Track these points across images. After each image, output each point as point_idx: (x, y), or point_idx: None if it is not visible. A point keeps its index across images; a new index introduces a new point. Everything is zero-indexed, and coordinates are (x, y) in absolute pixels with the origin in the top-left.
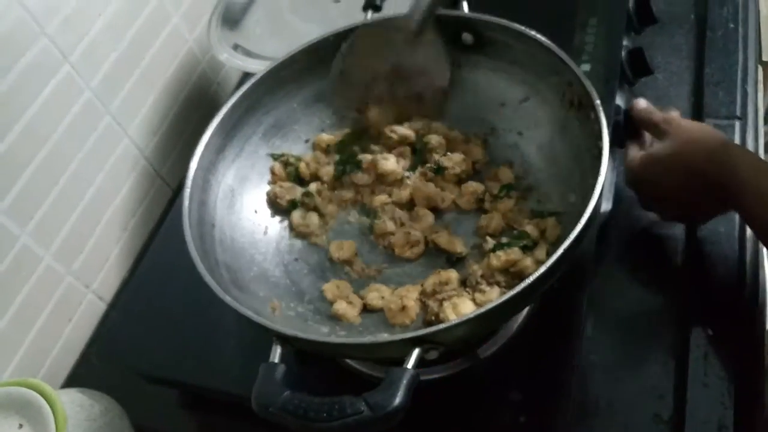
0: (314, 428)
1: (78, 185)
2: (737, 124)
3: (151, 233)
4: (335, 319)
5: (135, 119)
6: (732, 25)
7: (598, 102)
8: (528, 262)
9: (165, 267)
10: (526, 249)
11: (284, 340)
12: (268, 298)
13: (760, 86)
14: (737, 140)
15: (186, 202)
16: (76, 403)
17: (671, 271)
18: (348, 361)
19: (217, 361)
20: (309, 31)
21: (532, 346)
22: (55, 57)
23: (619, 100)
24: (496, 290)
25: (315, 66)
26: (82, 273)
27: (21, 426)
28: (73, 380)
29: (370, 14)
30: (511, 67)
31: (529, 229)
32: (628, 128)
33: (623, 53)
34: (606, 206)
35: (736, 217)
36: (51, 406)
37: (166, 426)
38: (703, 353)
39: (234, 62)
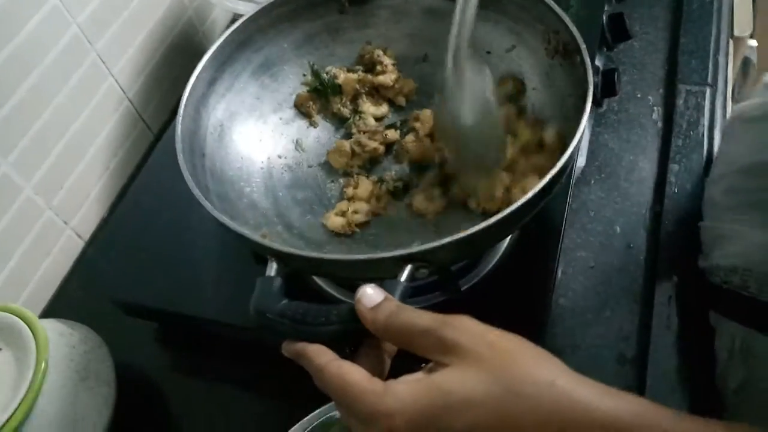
0: (313, 332)
1: (61, 120)
2: (708, 90)
3: (131, 175)
4: (323, 244)
5: (120, 60)
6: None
7: (584, 46)
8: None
9: (148, 204)
10: None
11: (279, 257)
12: (257, 226)
13: (731, 58)
14: (707, 105)
15: (179, 127)
16: (55, 330)
17: (639, 223)
18: (328, 289)
19: (197, 291)
20: None
21: (509, 283)
22: None
23: (598, 62)
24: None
25: (308, 8)
26: (61, 209)
27: (0, 349)
28: (48, 314)
29: None
30: (498, 17)
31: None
32: (604, 90)
33: (604, 17)
34: (580, 161)
35: (701, 168)
36: (32, 330)
37: (141, 360)
38: (667, 298)
39: (224, 3)
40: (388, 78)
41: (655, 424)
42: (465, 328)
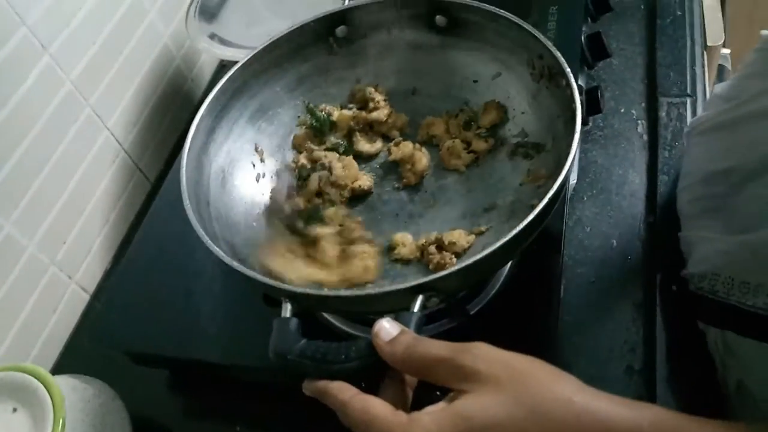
0: (333, 370)
1: (60, 177)
2: (688, 101)
3: (131, 225)
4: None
5: (114, 112)
6: (679, 13)
7: (568, 69)
8: None
9: (150, 255)
10: None
11: (293, 298)
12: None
13: (707, 68)
14: (688, 115)
15: (184, 179)
16: (69, 386)
17: (634, 235)
18: (340, 325)
19: (205, 336)
20: (284, 24)
21: (515, 304)
22: (35, 48)
23: (581, 82)
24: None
25: (297, 51)
26: (65, 264)
27: (15, 410)
28: (58, 371)
29: (347, 1)
30: (482, 46)
31: None
32: (589, 108)
33: (582, 38)
34: (572, 179)
35: None
36: (47, 388)
37: (155, 409)
38: (668, 307)
39: (212, 50)
40: (381, 114)
41: (677, 430)
42: (481, 354)
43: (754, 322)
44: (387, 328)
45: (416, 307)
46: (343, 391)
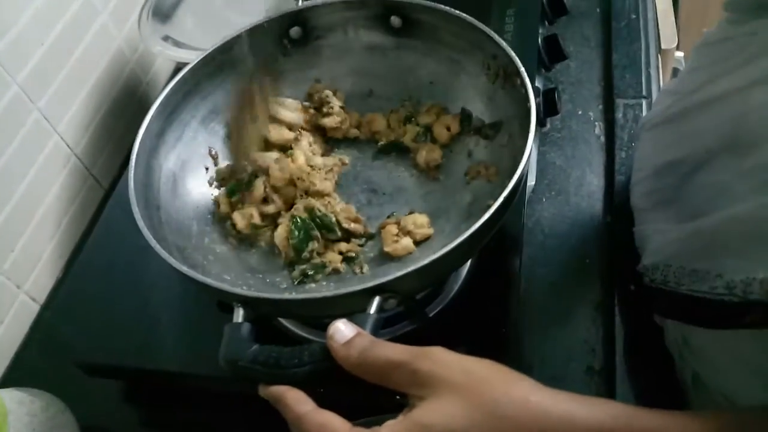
0: (286, 375)
1: (6, 183)
2: (644, 102)
3: (84, 231)
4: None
5: (65, 116)
6: (634, 16)
7: (522, 68)
8: None
9: (102, 263)
10: None
11: (246, 303)
12: (219, 273)
13: (661, 71)
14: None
15: (131, 182)
16: (14, 399)
17: (594, 235)
18: (295, 329)
19: (160, 345)
20: (240, 23)
21: (474, 306)
22: None
23: (538, 83)
24: None
25: (251, 52)
26: (13, 273)
27: None
28: (7, 383)
29: (300, 1)
30: (437, 47)
31: None
32: (546, 109)
33: (539, 40)
34: (531, 181)
35: None
36: None
37: (108, 422)
38: (626, 307)
39: (166, 53)
40: (333, 120)
41: (635, 423)
42: (438, 359)
43: (703, 309)
44: (342, 330)
45: (373, 309)
46: (299, 404)
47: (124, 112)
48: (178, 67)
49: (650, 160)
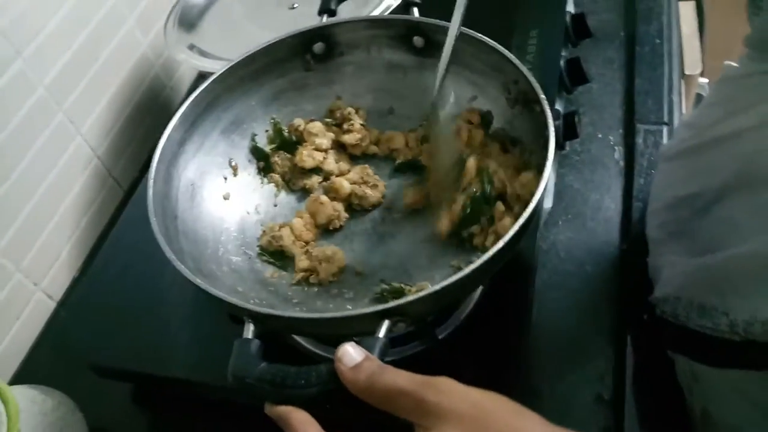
0: (293, 395)
1: (29, 182)
2: (665, 129)
3: (102, 233)
4: (298, 304)
5: (88, 119)
6: (658, 41)
7: (542, 96)
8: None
9: (119, 265)
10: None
11: (256, 318)
12: (232, 286)
13: (684, 97)
14: (665, 142)
15: (150, 191)
16: (27, 397)
17: (609, 262)
18: (305, 344)
19: (171, 352)
20: (264, 36)
21: (485, 329)
22: (7, 51)
23: (559, 106)
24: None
25: (273, 66)
26: (31, 271)
27: None
28: (19, 380)
29: (325, 18)
30: (459, 69)
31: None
32: (566, 132)
33: (562, 62)
34: (547, 203)
35: None
36: (2, 399)
37: (117, 423)
38: (638, 337)
39: (190, 61)
40: (353, 137)
41: None
42: (446, 389)
43: (710, 346)
44: (351, 353)
45: (382, 332)
46: (304, 425)
47: (146, 116)
48: (202, 74)
49: (666, 191)
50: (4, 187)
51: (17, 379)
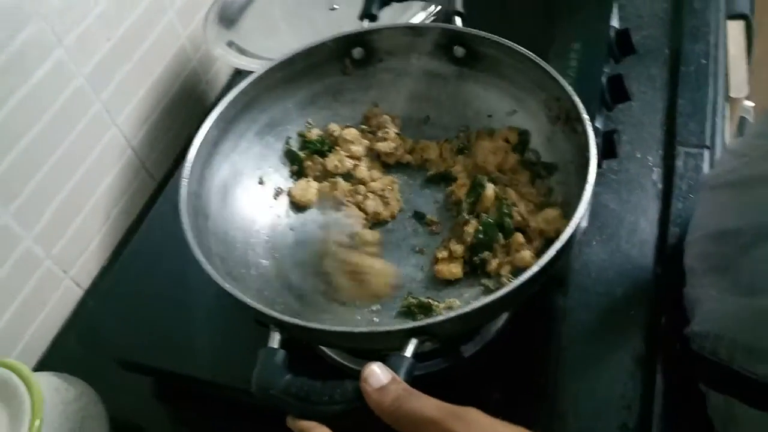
0: (316, 411)
1: (64, 170)
2: (706, 153)
3: (132, 224)
4: (324, 311)
5: (124, 110)
6: (704, 61)
7: (585, 116)
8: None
9: (148, 257)
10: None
11: (282, 327)
12: (260, 290)
13: (727, 120)
14: (705, 168)
15: (184, 191)
16: (51, 386)
17: (642, 287)
18: (331, 354)
19: (194, 350)
20: (303, 37)
21: (512, 350)
22: (49, 39)
23: (598, 123)
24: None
25: (312, 69)
26: (61, 258)
27: None
28: (44, 366)
29: (366, 23)
30: (500, 81)
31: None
32: (605, 151)
33: (604, 79)
34: (583, 223)
35: None
36: (27, 387)
37: (137, 416)
38: (669, 366)
39: (228, 58)
40: (387, 145)
41: None
42: (473, 421)
43: (755, 390)
44: (377, 374)
45: (409, 352)
46: None
47: (181, 109)
48: (238, 71)
49: (708, 222)
50: (39, 174)
51: (41, 365)
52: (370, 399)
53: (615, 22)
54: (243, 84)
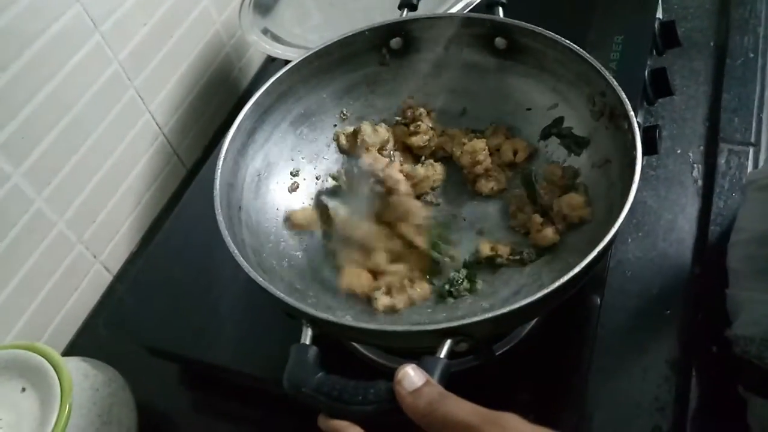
0: (348, 411)
1: (97, 155)
2: (751, 150)
3: (162, 210)
4: (355, 306)
5: (158, 96)
6: (752, 55)
7: (632, 113)
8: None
9: (177, 244)
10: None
11: (314, 323)
12: (291, 282)
13: None
14: (750, 166)
15: (218, 181)
16: (80, 371)
17: (678, 287)
18: (362, 350)
19: (221, 339)
20: (339, 26)
21: (544, 349)
22: (86, 25)
23: (639, 118)
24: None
25: (349, 59)
26: (92, 243)
27: (24, 389)
28: (73, 350)
29: (405, 12)
30: (541, 74)
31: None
32: (645, 147)
33: (646, 73)
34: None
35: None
36: (57, 372)
37: (164, 401)
38: (706, 369)
39: (262, 45)
40: (420, 139)
41: None
42: (510, 427)
43: None
44: (411, 376)
45: (443, 353)
46: None
47: (214, 96)
48: (272, 58)
49: (756, 223)
50: (72, 160)
51: (71, 348)
52: (404, 402)
53: (659, 14)
54: (279, 73)
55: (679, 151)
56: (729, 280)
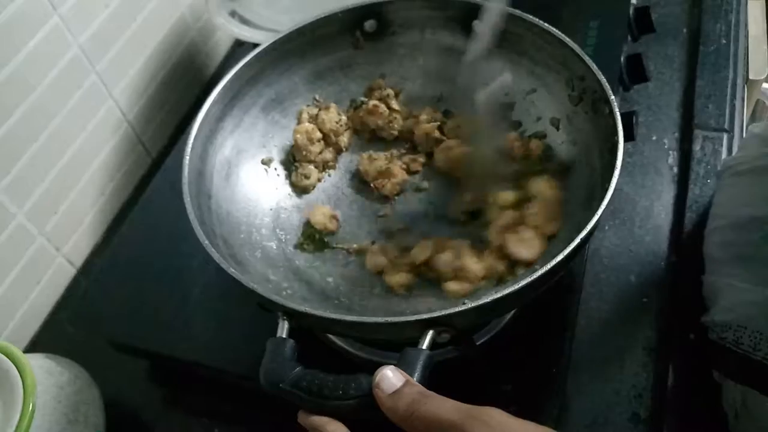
0: (328, 406)
1: (58, 143)
2: (725, 136)
3: (127, 200)
4: (329, 297)
5: (121, 82)
6: (724, 42)
7: (612, 96)
8: None
9: (143, 236)
10: None
11: (290, 315)
12: (263, 273)
13: (746, 102)
14: (724, 152)
15: (186, 169)
16: (44, 368)
17: (655, 274)
18: (340, 342)
19: (191, 333)
20: (310, 8)
21: (524, 338)
22: (44, 6)
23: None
24: None
25: (321, 42)
26: (54, 235)
27: None
28: (36, 347)
29: None
30: (519, 59)
31: None
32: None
33: (622, 59)
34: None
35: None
36: (19, 370)
37: (132, 397)
38: (682, 356)
39: (230, 28)
40: (380, 119)
41: None
42: (493, 423)
43: None
44: (390, 377)
45: (425, 344)
46: None
47: (179, 82)
48: (240, 42)
49: (732, 209)
50: (32, 148)
51: (33, 345)
52: (384, 405)
53: None
54: (248, 57)
55: (654, 138)
56: (705, 267)
